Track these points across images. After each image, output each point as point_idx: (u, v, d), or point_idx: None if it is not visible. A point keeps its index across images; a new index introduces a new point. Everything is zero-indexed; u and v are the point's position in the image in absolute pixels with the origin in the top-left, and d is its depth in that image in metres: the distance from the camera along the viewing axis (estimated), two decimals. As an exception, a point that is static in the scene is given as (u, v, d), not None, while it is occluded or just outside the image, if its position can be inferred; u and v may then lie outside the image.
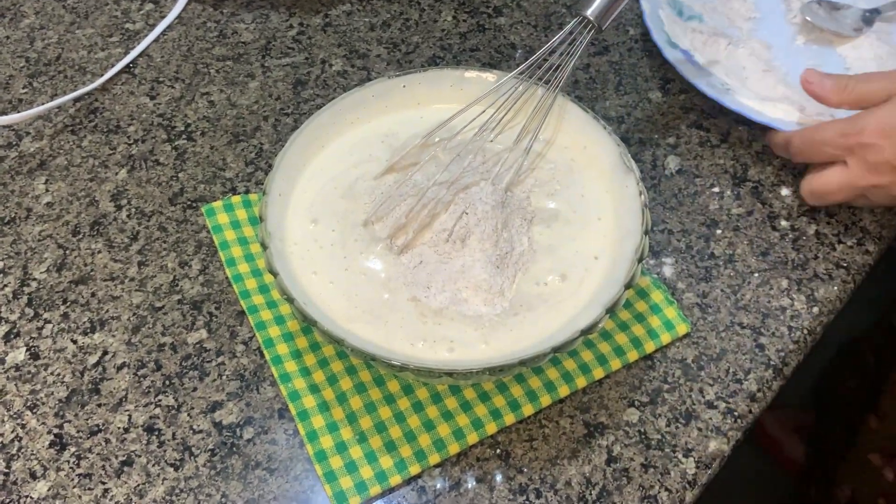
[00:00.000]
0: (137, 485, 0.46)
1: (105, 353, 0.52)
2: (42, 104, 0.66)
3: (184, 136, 0.64)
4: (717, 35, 0.67)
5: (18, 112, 0.65)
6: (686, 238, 0.57)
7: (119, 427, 0.49)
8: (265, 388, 0.50)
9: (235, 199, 0.58)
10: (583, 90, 0.66)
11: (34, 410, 0.49)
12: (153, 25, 0.72)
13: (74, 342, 0.52)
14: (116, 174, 0.61)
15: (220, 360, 0.51)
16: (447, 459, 0.47)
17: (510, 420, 0.48)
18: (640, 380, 0.50)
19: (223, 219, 0.57)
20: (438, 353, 0.43)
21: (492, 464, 0.47)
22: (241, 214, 0.57)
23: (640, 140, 0.63)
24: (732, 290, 0.54)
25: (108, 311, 0.54)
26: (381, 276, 0.46)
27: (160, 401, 0.50)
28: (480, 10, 0.73)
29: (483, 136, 0.51)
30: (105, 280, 0.55)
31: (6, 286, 0.55)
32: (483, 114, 0.50)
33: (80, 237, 0.58)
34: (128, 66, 0.69)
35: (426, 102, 0.54)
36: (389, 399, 0.49)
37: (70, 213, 0.59)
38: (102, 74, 0.68)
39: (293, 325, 0.52)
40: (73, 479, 0.47)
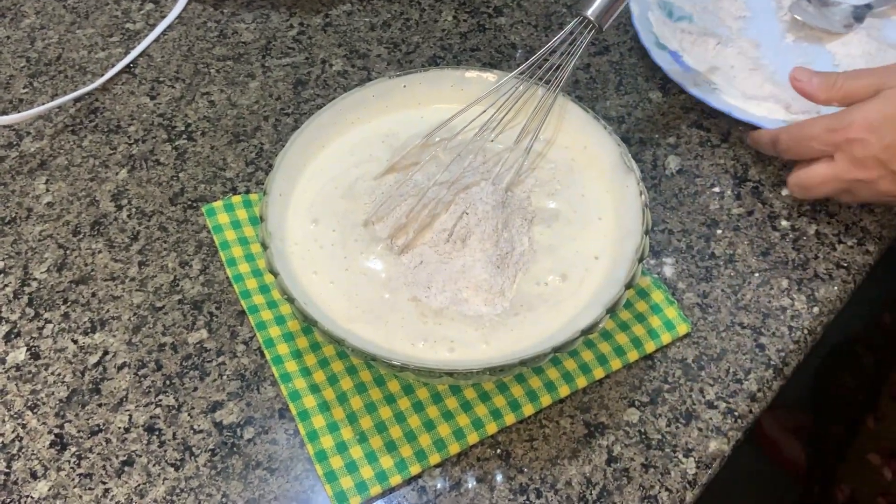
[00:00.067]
0: (138, 485, 0.46)
1: (105, 353, 0.52)
2: (42, 104, 0.66)
3: (184, 136, 0.64)
4: (707, 35, 0.67)
5: (19, 112, 0.65)
6: (686, 238, 0.57)
7: (120, 427, 0.49)
8: (266, 388, 0.50)
9: (236, 199, 0.58)
10: (583, 90, 0.66)
11: (35, 410, 0.50)
12: (153, 25, 0.72)
13: (75, 342, 0.52)
14: (117, 174, 0.61)
15: (221, 360, 0.51)
16: (447, 459, 0.47)
17: (510, 420, 0.48)
18: (641, 380, 0.50)
19: (224, 219, 0.57)
20: (439, 353, 0.43)
21: (492, 464, 0.47)
22: (242, 214, 0.57)
23: (641, 140, 0.63)
24: (733, 290, 0.54)
25: (109, 311, 0.54)
26: (382, 276, 0.46)
27: (161, 401, 0.50)
28: (481, 10, 0.73)
29: (483, 136, 0.51)
30: (105, 280, 0.55)
31: (7, 286, 0.55)
32: (483, 114, 0.50)
33: (81, 237, 0.58)
34: (128, 66, 0.69)
35: (427, 102, 0.54)
36: (390, 399, 0.49)
37: (70, 213, 0.59)
38: (103, 74, 0.68)
39: (294, 325, 0.52)
40: (74, 479, 0.47)
